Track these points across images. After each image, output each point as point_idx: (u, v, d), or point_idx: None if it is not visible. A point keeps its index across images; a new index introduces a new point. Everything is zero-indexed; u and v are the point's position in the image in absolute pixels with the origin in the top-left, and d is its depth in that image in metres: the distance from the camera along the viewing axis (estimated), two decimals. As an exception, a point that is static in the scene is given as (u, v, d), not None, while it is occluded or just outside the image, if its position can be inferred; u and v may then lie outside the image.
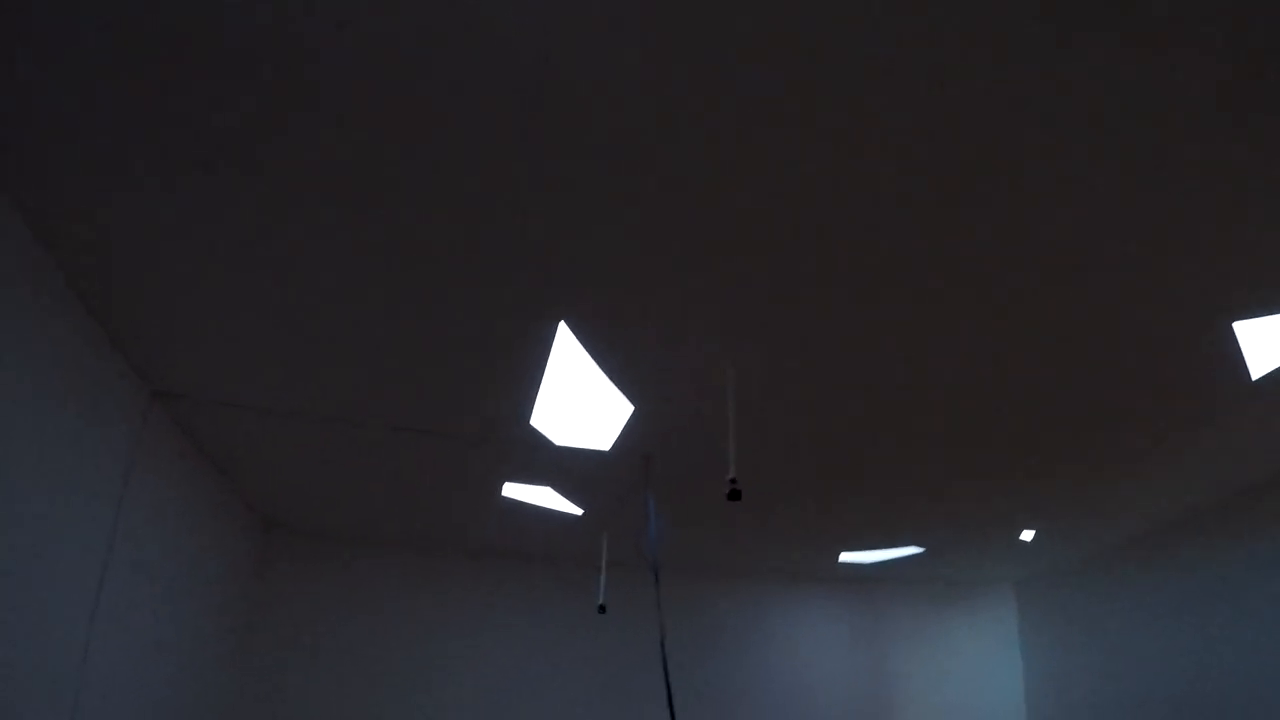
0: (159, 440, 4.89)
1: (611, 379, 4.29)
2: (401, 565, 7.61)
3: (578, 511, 6.43)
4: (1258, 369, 4.51)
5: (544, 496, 6.29)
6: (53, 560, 3.75)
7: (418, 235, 3.17)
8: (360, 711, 7.05)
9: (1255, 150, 2.67)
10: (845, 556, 7.85)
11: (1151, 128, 2.56)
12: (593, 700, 7.53)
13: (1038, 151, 2.67)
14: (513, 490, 6.16)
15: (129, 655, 4.68)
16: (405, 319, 3.80)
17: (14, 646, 3.45)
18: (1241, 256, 3.33)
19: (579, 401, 4.78)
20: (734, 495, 3.23)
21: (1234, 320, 3.91)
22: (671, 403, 4.47)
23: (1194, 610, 7.07)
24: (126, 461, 4.48)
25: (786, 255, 3.19)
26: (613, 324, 3.76)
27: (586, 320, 3.74)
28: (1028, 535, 7.40)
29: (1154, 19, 2.17)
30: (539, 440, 5.10)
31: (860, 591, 9.04)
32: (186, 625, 5.56)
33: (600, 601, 6.32)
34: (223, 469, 5.93)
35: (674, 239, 3.12)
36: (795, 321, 3.69)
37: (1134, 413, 4.86)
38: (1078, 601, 8.63)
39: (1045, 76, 2.35)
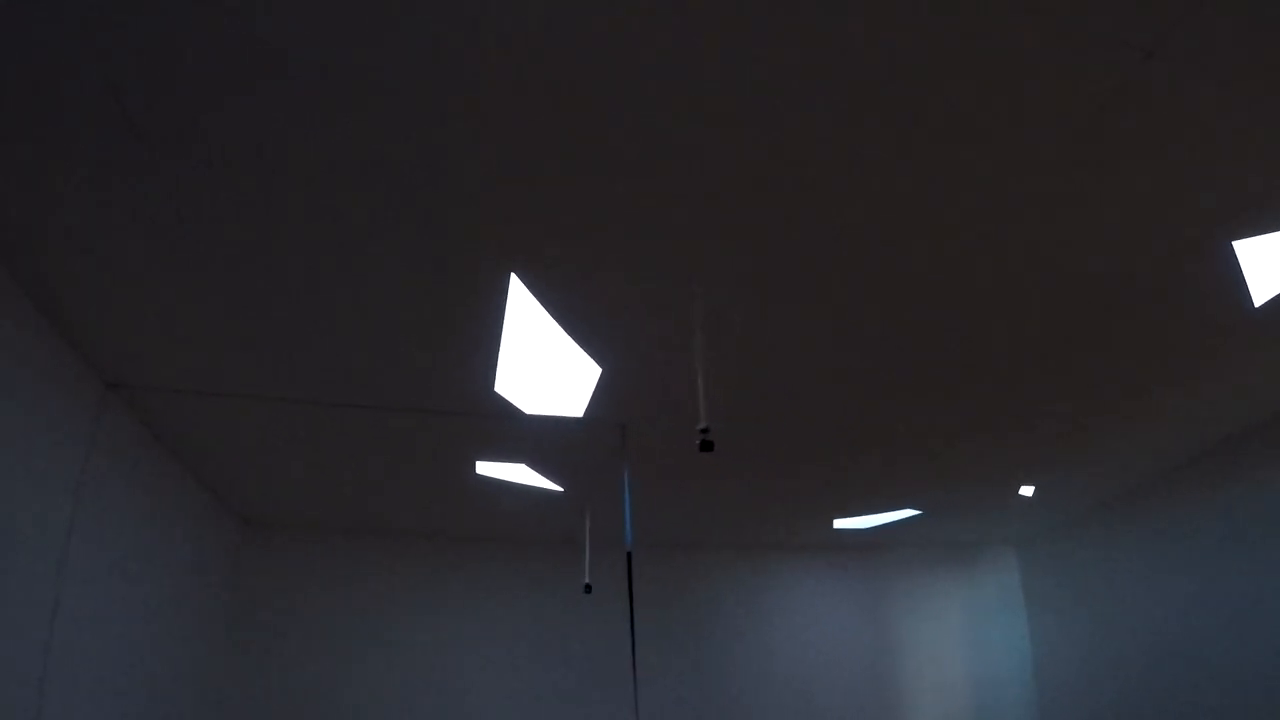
0: (118, 434, 4.64)
1: (574, 337, 3.99)
2: (381, 553, 7.34)
3: (557, 488, 6.14)
4: (1260, 294, 4.24)
5: (520, 474, 6.00)
6: (6, 558, 3.49)
7: (358, 200, 2.94)
8: (345, 700, 6.78)
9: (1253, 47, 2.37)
10: (840, 523, 7.58)
11: (1139, 29, 2.26)
12: (584, 680, 7.28)
13: (1022, 69, 2.38)
14: (488, 469, 5.88)
15: (97, 654, 4.43)
16: (355, 289, 3.55)
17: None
18: (1239, 168, 3.05)
19: (545, 366, 4.48)
20: (706, 446, 2.95)
21: (1233, 239, 3.64)
22: (642, 360, 4.17)
23: (1198, 556, 6.84)
24: (82, 457, 4.23)
25: (757, 192, 2.89)
26: (566, 274, 3.45)
27: (538, 271, 3.43)
28: (1027, 491, 7.16)
29: None
30: (508, 409, 4.80)
31: (859, 559, 8.80)
32: (161, 622, 5.30)
33: (586, 580, 6.04)
34: (192, 464, 5.67)
35: (623, 179, 2.81)
36: (770, 264, 3.39)
37: (1129, 347, 4.60)
38: (1079, 557, 8.43)
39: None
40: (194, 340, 4.00)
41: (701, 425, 2.93)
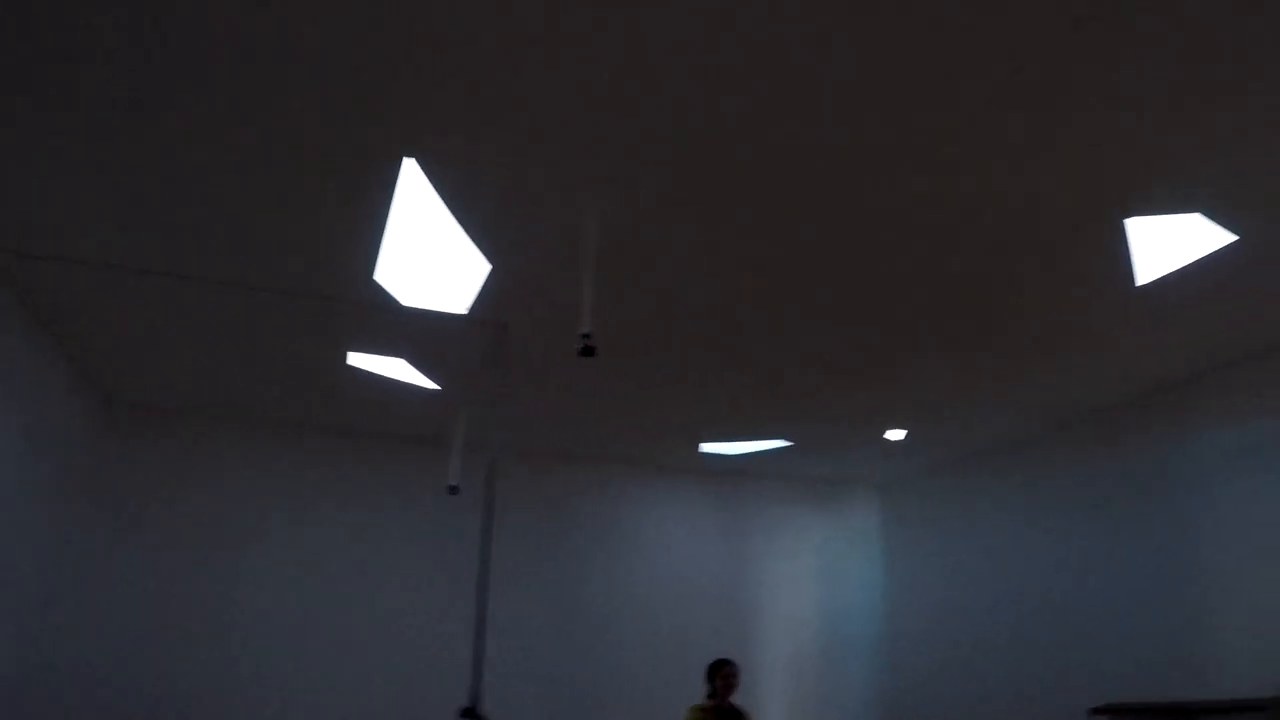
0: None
1: (466, 230, 3.88)
2: (246, 441, 7.09)
3: (433, 386, 6.05)
4: (1144, 274, 4.49)
5: (396, 369, 5.88)
6: None
7: (254, 75, 2.74)
8: (202, 590, 6.62)
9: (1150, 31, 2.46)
10: (708, 446, 7.77)
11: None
12: (442, 582, 7.32)
13: (923, 42, 2.40)
14: (362, 360, 5.73)
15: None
16: (236, 158, 3.31)
17: None
18: (1138, 148, 3.19)
19: (433, 258, 4.36)
20: (587, 351, 2.94)
21: (1126, 216, 3.82)
22: (532, 261, 4.11)
23: (1056, 517, 7.35)
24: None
25: (659, 114, 2.85)
26: (468, 167, 3.34)
27: (437, 159, 3.31)
28: (896, 436, 7.46)
29: None
30: (386, 301, 4.67)
31: (725, 486, 9.06)
32: (12, 498, 5.00)
33: (452, 481, 6.01)
34: (60, 336, 5.30)
35: (527, 75, 2.72)
36: (664, 175, 3.37)
37: (1012, 308, 4.83)
38: (940, 506, 8.91)
39: None
40: (68, 208, 3.72)
41: (584, 330, 2.91)
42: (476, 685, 5.32)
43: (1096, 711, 5.42)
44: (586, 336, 2.94)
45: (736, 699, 8.34)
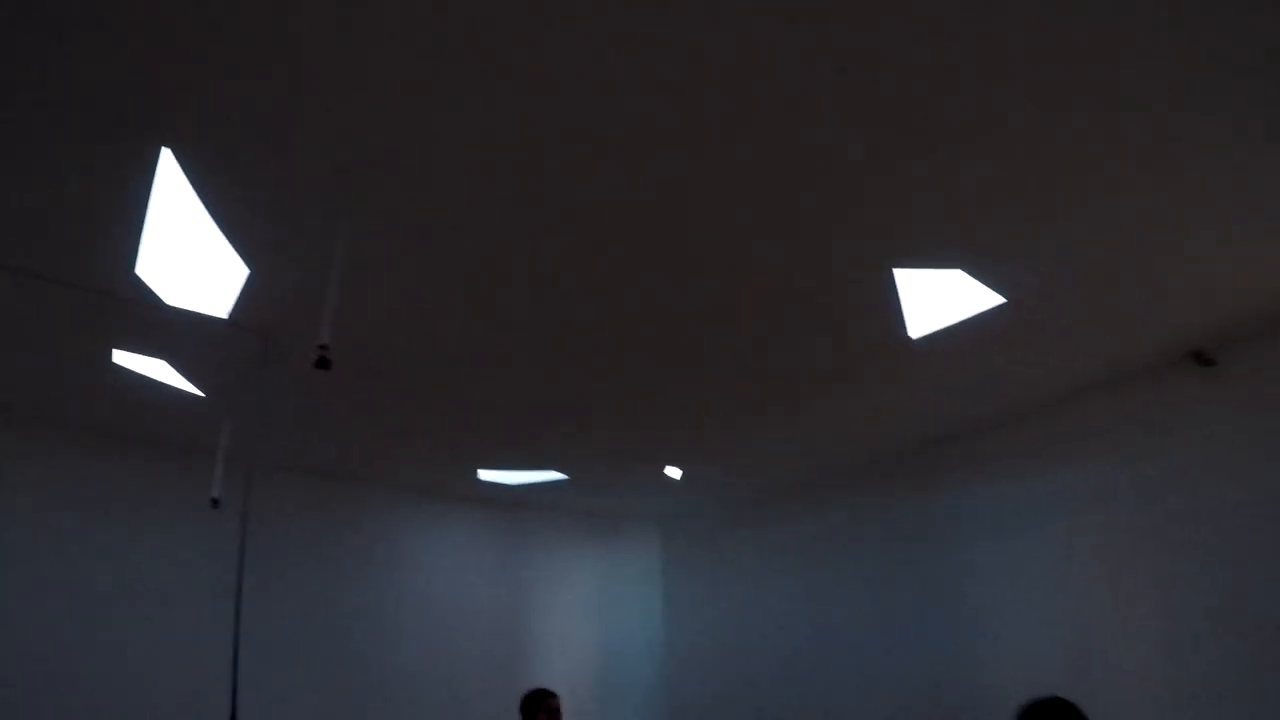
0: None
1: (224, 231, 4.01)
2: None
3: (198, 393, 5.99)
4: (916, 328, 4.99)
5: (160, 372, 5.78)
6: None
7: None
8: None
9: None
10: (486, 474, 7.98)
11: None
12: (202, 598, 7.10)
13: (690, 94, 2.84)
14: (126, 360, 5.61)
15: None
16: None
17: None
18: (904, 202, 3.71)
19: (194, 257, 4.43)
20: (322, 363, 3.13)
21: (895, 266, 4.31)
22: (292, 270, 4.27)
23: (828, 559, 7.99)
24: None
25: (412, 129, 3.14)
26: (224, 164, 3.51)
27: (193, 152, 3.46)
28: (674, 473, 7.86)
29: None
30: (148, 297, 4.66)
31: (503, 516, 9.25)
32: None
33: (214, 494, 5.88)
34: None
35: (283, 62, 2.96)
36: (414, 197, 3.65)
37: (789, 355, 5.30)
38: (717, 543, 9.43)
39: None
40: None
41: (321, 341, 3.11)
42: (233, 707, 5.23)
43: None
44: (324, 348, 3.12)
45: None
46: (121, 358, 5.55)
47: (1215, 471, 5.40)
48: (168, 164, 3.60)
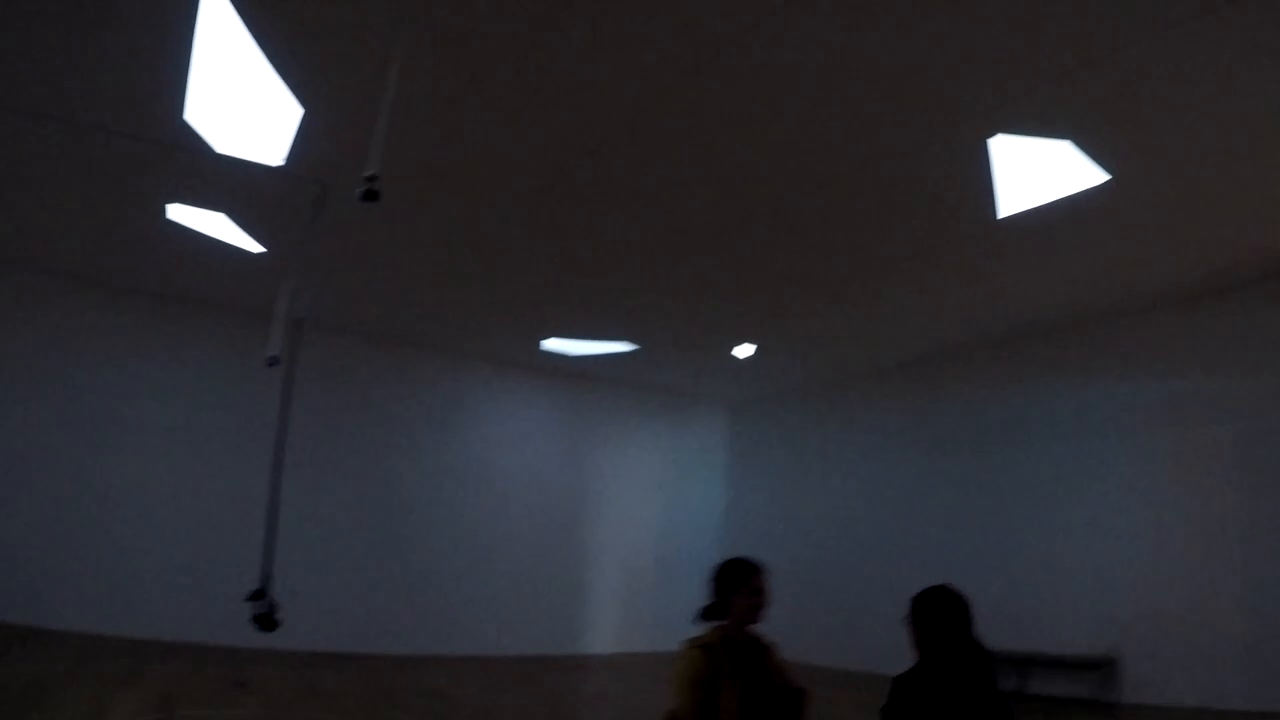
0: None
1: (275, 67, 3.66)
2: (53, 295, 6.63)
3: (255, 248, 5.78)
4: (1006, 208, 4.45)
5: (218, 226, 5.56)
6: None
7: None
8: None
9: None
10: (550, 344, 7.73)
11: None
12: (262, 460, 7.10)
13: None
14: (181, 214, 5.40)
15: None
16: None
17: None
18: (1002, 63, 3.24)
19: (244, 100, 4.09)
20: (369, 196, 2.83)
21: (989, 136, 3.82)
22: (352, 108, 3.90)
23: (896, 453, 7.72)
24: None
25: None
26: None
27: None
28: (745, 352, 7.47)
29: None
30: (196, 144, 4.37)
31: (567, 388, 9.03)
32: None
33: (272, 353, 5.72)
34: None
35: None
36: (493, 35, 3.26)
37: (871, 235, 4.93)
38: (786, 429, 9.20)
39: None
40: None
41: (369, 172, 2.81)
42: (267, 567, 5.16)
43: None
44: (371, 179, 2.83)
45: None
46: (176, 213, 5.34)
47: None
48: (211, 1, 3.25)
